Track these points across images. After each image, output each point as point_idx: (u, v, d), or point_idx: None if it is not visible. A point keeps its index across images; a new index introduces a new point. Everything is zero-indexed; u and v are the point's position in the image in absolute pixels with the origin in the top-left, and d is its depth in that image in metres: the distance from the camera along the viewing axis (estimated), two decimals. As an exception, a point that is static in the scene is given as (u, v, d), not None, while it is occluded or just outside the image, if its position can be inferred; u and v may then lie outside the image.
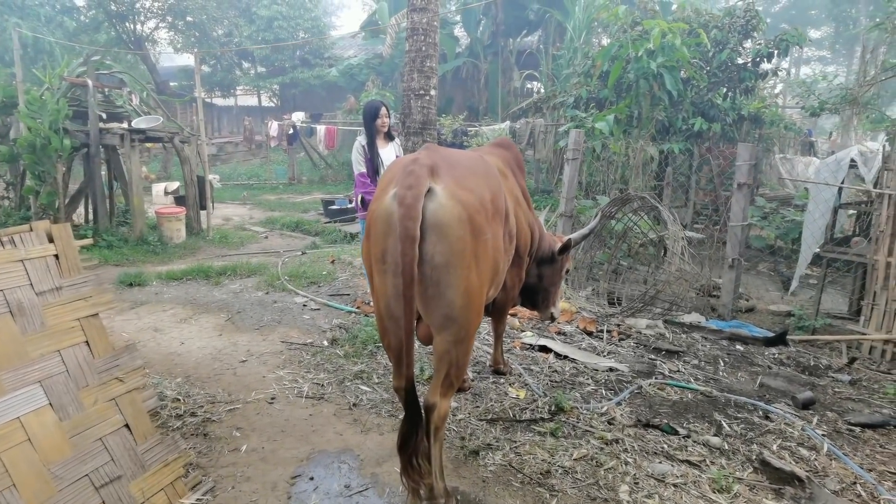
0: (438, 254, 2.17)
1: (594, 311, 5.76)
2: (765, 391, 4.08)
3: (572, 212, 7.06)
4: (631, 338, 5.05)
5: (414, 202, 2.10)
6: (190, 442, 3.16)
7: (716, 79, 9.13)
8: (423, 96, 6.78)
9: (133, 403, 2.69)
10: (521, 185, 3.63)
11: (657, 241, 6.52)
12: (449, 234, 2.17)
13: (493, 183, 2.53)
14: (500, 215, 2.53)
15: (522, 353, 4.53)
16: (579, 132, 6.82)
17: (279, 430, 3.30)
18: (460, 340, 2.34)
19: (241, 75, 25.27)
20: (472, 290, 2.27)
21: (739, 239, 5.64)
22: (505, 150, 3.64)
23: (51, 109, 7.07)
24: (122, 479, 2.51)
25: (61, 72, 8.01)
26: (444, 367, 2.38)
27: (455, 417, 3.42)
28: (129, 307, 5.40)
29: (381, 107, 5.00)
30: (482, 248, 2.29)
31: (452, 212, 2.18)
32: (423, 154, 2.37)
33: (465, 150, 3.56)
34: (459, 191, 2.24)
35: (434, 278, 2.20)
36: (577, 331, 5.14)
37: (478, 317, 2.38)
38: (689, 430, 3.35)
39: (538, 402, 3.65)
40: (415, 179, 2.16)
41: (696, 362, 4.56)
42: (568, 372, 4.20)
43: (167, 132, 8.18)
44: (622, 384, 4.02)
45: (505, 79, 19.77)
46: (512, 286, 3.55)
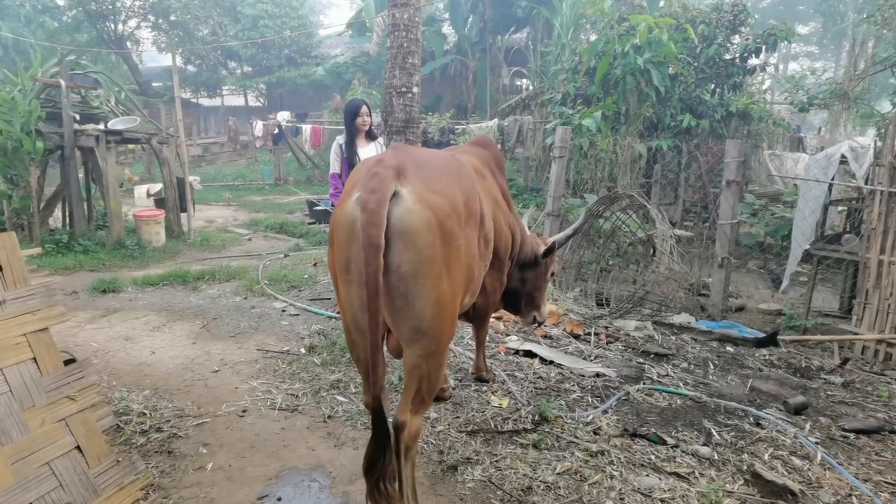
0: (405, 262, 2.02)
1: (582, 312, 5.63)
2: (756, 395, 3.95)
3: (560, 210, 6.93)
4: (619, 340, 4.92)
5: (377, 207, 1.95)
6: (153, 460, 2.99)
7: (703, 75, 9.03)
8: (406, 94, 6.61)
9: (86, 423, 2.52)
10: (500, 186, 3.49)
11: (646, 239, 6.40)
12: (416, 240, 2.01)
13: (467, 184, 2.38)
14: (475, 219, 2.38)
15: (507, 359, 4.38)
16: (566, 129, 6.68)
17: (249, 445, 3.14)
18: (432, 354, 2.19)
19: (227, 75, 25.01)
20: (444, 301, 2.12)
21: (729, 237, 5.52)
22: (483, 148, 3.49)
23: (22, 111, 6.85)
24: (71, 507, 2.35)
25: (34, 72, 7.77)
26: (414, 383, 2.23)
27: (434, 429, 3.27)
28: (102, 315, 5.21)
29: (361, 105, 4.84)
30: (454, 254, 2.14)
31: (420, 217, 2.02)
32: (389, 155, 2.21)
33: (438, 149, 3.40)
34: (428, 194, 2.09)
35: (401, 289, 2.05)
36: (564, 334, 5.01)
37: (451, 328, 2.23)
38: (677, 440, 3.21)
39: (521, 411, 3.51)
40: (378, 182, 2.00)
41: (685, 365, 4.43)
42: (553, 378, 4.06)
43: (145, 133, 7.98)
44: (609, 390, 3.88)
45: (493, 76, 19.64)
46: (492, 291, 3.41)
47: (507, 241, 3.35)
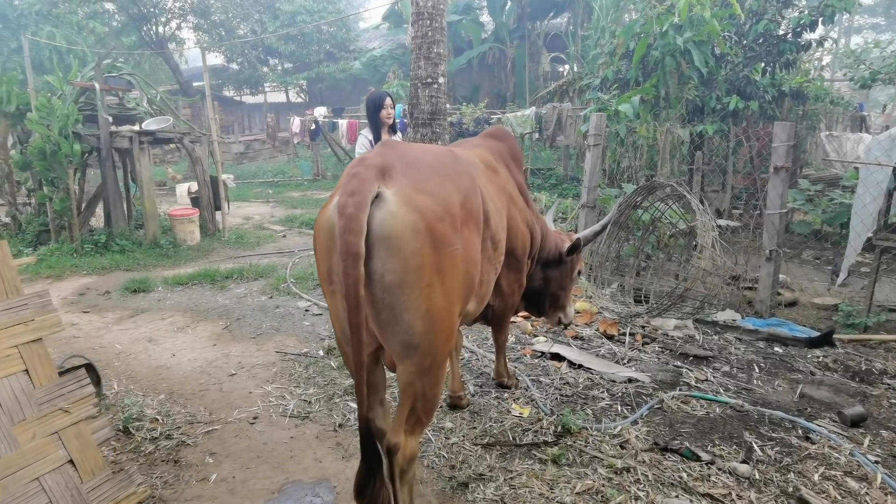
0: (389, 272, 1.82)
1: (618, 311, 5.32)
2: (806, 403, 3.59)
3: (595, 202, 6.60)
4: (656, 341, 4.60)
5: (356, 211, 1.76)
6: (159, 470, 2.92)
7: (752, 53, 8.43)
8: (431, 84, 6.41)
9: (80, 436, 2.45)
10: (516, 181, 3.25)
11: (688, 231, 6.01)
12: (401, 247, 1.82)
13: (465, 182, 2.15)
14: (475, 220, 2.16)
15: (532, 362, 4.15)
16: (600, 116, 6.33)
17: (255, 455, 3.04)
18: (425, 370, 2.00)
19: (268, 72, 25.33)
20: (436, 312, 1.92)
21: (778, 228, 5.08)
22: (497, 140, 3.25)
23: (60, 115, 7.00)
24: (61, 524, 2.28)
25: (73, 77, 7.95)
26: (408, 401, 2.05)
27: (447, 441, 3.09)
28: (129, 315, 5.25)
29: (385, 97, 4.65)
30: (447, 261, 1.93)
31: (405, 221, 1.82)
32: (373, 152, 2.02)
33: (434, 144, 3.18)
34: (416, 195, 1.88)
35: (387, 301, 1.86)
36: (597, 334, 4.72)
37: (447, 342, 2.03)
38: (713, 456, 2.92)
39: (543, 421, 3.27)
40: (358, 184, 1.81)
41: (727, 369, 4.09)
42: (581, 384, 3.80)
43: (177, 132, 8.06)
44: (641, 398, 3.60)
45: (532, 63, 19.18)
46: (510, 293, 3.18)
47: (525, 241, 3.12)
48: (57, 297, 5.84)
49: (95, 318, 5.19)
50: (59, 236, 7.56)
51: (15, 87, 7.76)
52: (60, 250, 7.25)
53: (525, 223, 3.15)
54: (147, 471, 2.91)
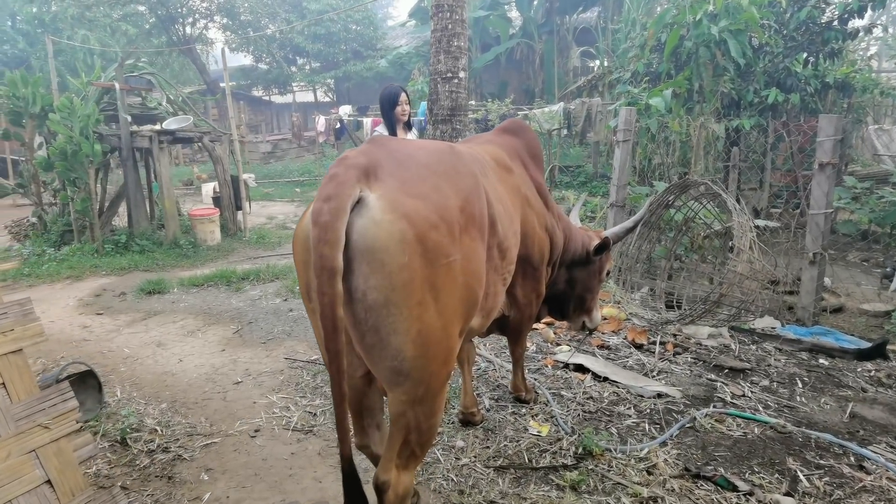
0: (373, 289, 1.59)
1: (648, 317, 5.00)
2: (858, 425, 3.24)
3: (624, 201, 6.28)
4: (688, 351, 4.28)
5: (331, 220, 1.53)
6: (151, 486, 2.76)
7: (794, 42, 7.94)
8: (451, 79, 6.17)
9: (60, 454, 2.29)
10: (534, 180, 2.99)
11: (723, 232, 5.64)
12: (386, 261, 1.58)
13: (466, 184, 1.91)
14: (478, 226, 1.91)
15: (554, 374, 3.88)
16: (630, 110, 6.00)
17: (252, 473, 2.86)
18: (419, 400, 1.77)
19: (296, 72, 25.46)
20: (430, 334, 1.68)
21: (822, 229, 4.69)
22: (512, 136, 2.99)
23: (81, 115, 6.98)
24: (35, 551, 2.13)
25: (95, 77, 7.97)
26: (400, 434, 1.82)
27: (457, 462, 2.85)
28: (142, 318, 5.16)
29: (399, 93, 4.43)
30: (443, 275, 1.69)
31: (391, 230, 1.59)
32: (357, 150, 1.79)
33: (433, 140, 2.93)
34: (405, 199, 1.65)
35: (371, 322, 1.63)
36: (625, 343, 4.43)
37: (444, 366, 1.79)
38: (751, 485, 2.62)
39: (563, 441, 3.01)
40: (335, 187, 1.58)
41: (766, 383, 3.75)
42: (606, 399, 3.52)
43: (197, 132, 8.00)
44: (671, 415, 3.31)
45: (561, 58, 18.76)
46: (527, 303, 2.94)
47: (543, 247, 2.87)
48: (74, 297, 5.81)
49: (108, 320, 5.12)
50: (82, 236, 7.57)
51: (40, 88, 7.79)
52: (82, 250, 7.25)
53: (544, 228, 2.89)
54: (139, 487, 2.76)
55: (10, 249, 7.69)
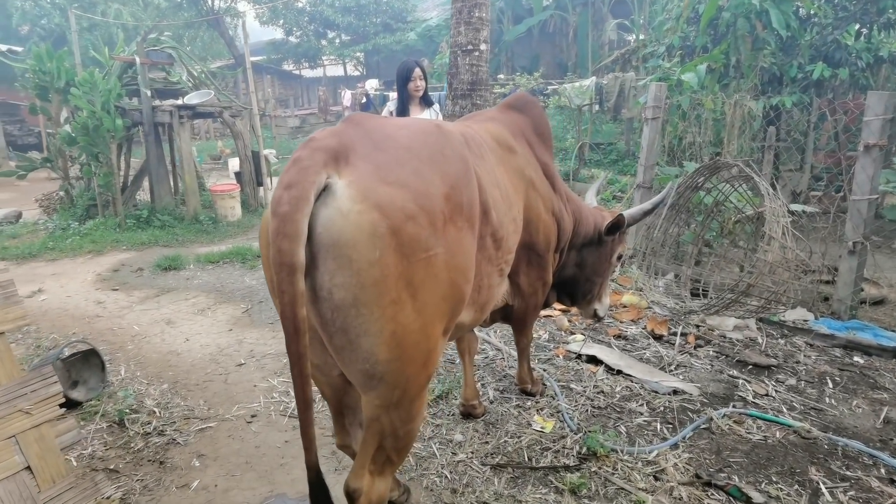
0: (339, 287, 1.44)
1: (670, 306, 4.76)
2: (893, 432, 2.99)
3: (651, 182, 5.97)
4: (711, 344, 4.05)
5: (291, 210, 1.37)
6: (142, 471, 2.72)
7: (845, 13, 7.37)
8: (472, 52, 5.92)
9: (41, 440, 2.25)
10: (541, 161, 2.78)
11: (755, 217, 5.31)
12: (353, 257, 1.42)
13: (453, 168, 1.73)
14: (467, 215, 1.73)
15: (565, 365, 3.71)
16: (660, 86, 5.67)
17: (244, 460, 2.79)
18: (394, 404, 1.63)
19: (326, 45, 25.28)
20: (406, 335, 1.53)
21: (865, 216, 4.35)
22: (517, 112, 2.78)
23: (102, 90, 6.98)
24: (12, 538, 2.09)
25: (118, 51, 7.95)
26: (373, 439, 1.69)
27: (453, 458, 2.73)
28: (155, 295, 5.16)
29: (414, 68, 4.24)
30: (422, 270, 1.52)
31: (359, 222, 1.42)
32: (329, 130, 1.62)
33: (416, 119, 2.73)
34: (378, 186, 1.48)
35: (338, 323, 1.48)
36: (644, 334, 4.21)
37: (423, 369, 1.64)
38: (768, 497, 2.43)
39: (567, 439, 2.86)
40: (298, 173, 1.43)
41: (793, 382, 3.51)
42: (618, 394, 3.34)
43: (218, 106, 7.94)
44: (686, 414, 3.11)
45: (596, 31, 18.12)
46: (532, 293, 2.77)
47: (550, 233, 2.68)
48: (93, 272, 5.86)
49: (122, 296, 5.14)
50: (106, 211, 7.65)
51: (65, 63, 7.82)
52: (105, 225, 7.33)
53: (550, 212, 2.70)
54: (131, 471, 2.73)
55: (37, 223, 7.83)
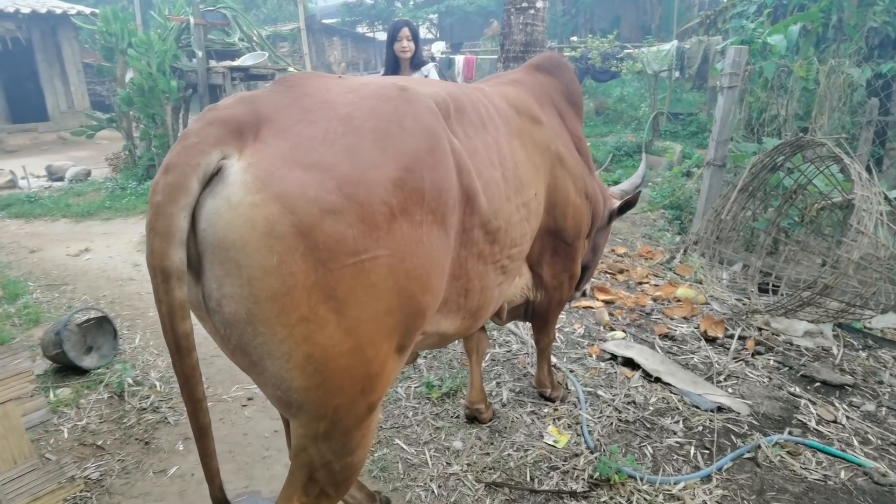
0: (229, 300, 1.13)
1: (731, 303, 4.21)
2: None
3: (724, 159, 5.31)
4: (773, 352, 3.51)
5: (164, 201, 1.09)
6: (126, 450, 2.63)
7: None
8: (527, 10, 5.38)
9: (5, 418, 2.14)
10: (572, 133, 2.39)
11: (844, 205, 4.57)
12: (244, 262, 1.11)
13: (411, 144, 1.34)
14: (430, 206, 1.35)
15: (597, 366, 3.31)
16: (739, 50, 4.94)
17: (228, 449, 2.64)
18: (322, 436, 1.33)
19: (400, 7, 24.81)
20: (328, 359, 1.21)
21: None
22: (545, 74, 2.38)
23: (158, 51, 7.01)
24: (-36, 521, 2.02)
25: (178, 12, 7.96)
26: (301, 471, 1.41)
27: (445, 470, 2.44)
28: (190, 260, 5.14)
29: (402, 27, 3.89)
30: (349, 280, 1.18)
31: (251, 218, 1.10)
32: (241, 96, 1.30)
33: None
34: (285, 171, 1.14)
35: (234, 341, 1.19)
36: (695, 334, 3.72)
37: (360, 396, 1.31)
38: (817, 560, 1.98)
39: (581, 458, 2.50)
40: (179, 153, 1.12)
41: (871, 408, 2.94)
42: (652, 405, 2.92)
43: (271, 69, 7.83)
44: (729, 438, 2.66)
45: (684, -10, 16.64)
46: (556, 286, 2.42)
47: (581, 216, 2.33)
48: (139, 233, 5.93)
49: (159, 259, 5.15)
50: (161, 172, 7.78)
51: (130, 24, 7.92)
52: (161, 185, 7.45)
53: (582, 193, 2.33)
54: (116, 449, 2.64)
55: (103, 181, 8.09)
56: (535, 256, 2.28)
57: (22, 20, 12.00)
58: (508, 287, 2.09)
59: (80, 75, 13.10)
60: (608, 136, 11.64)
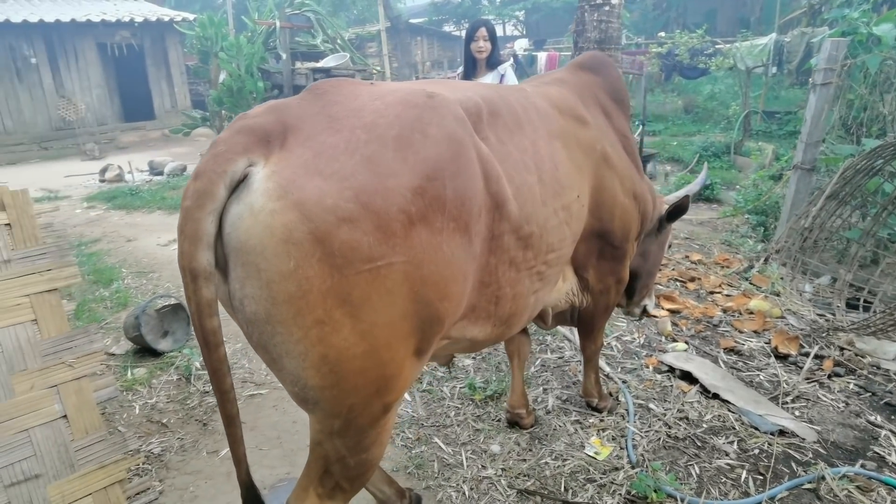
0: (250, 300, 1.20)
1: (812, 318, 3.89)
2: None
3: (813, 162, 4.91)
4: (854, 375, 3.20)
5: (192, 206, 1.16)
6: (185, 430, 2.83)
7: None
8: (602, 6, 5.22)
9: (80, 392, 2.37)
10: (619, 132, 2.32)
11: (955, 215, 4.09)
12: (262, 266, 1.17)
13: (433, 152, 1.33)
14: (452, 213, 1.33)
15: (653, 378, 3.17)
16: (837, 43, 4.54)
17: (276, 435, 2.77)
18: (337, 433, 1.38)
19: (487, 4, 24.82)
20: (343, 361, 1.25)
21: None
22: (590, 73, 2.32)
23: (246, 53, 7.43)
24: (40, 479, 2.24)
25: (266, 15, 8.40)
26: (318, 464, 1.46)
27: (479, 473, 2.43)
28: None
29: (479, 27, 3.88)
30: (364, 285, 1.21)
31: (270, 224, 1.15)
32: (271, 105, 1.35)
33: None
34: (307, 179, 1.18)
35: (255, 338, 1.25)
36: (765, 350, 3.47)
37: (375, 397, 1.35)
38: None
39: (620, 473, 2.41)
40: (209, 161, 1.19)
41: (965, 445, 2.63)
42: (706, 423, 2.76)
43: (352, 69, 8.09)
44: (788, 465, 2.47)
45: (788, -22, 15.46)
46: (603, 290, 2.37)
47: (629, 217, 2.27)
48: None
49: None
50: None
51: (223, 28, 8.46)
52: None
53: (630, 194, 2.26)
54: (178, 428, 2.85)
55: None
56: (580, 260, 2.22)
57: (137, 28, 13.12)
58: (549, 293, 2.04)
59: (182, 77, 14.13)
60: (695, 136, 11.08)
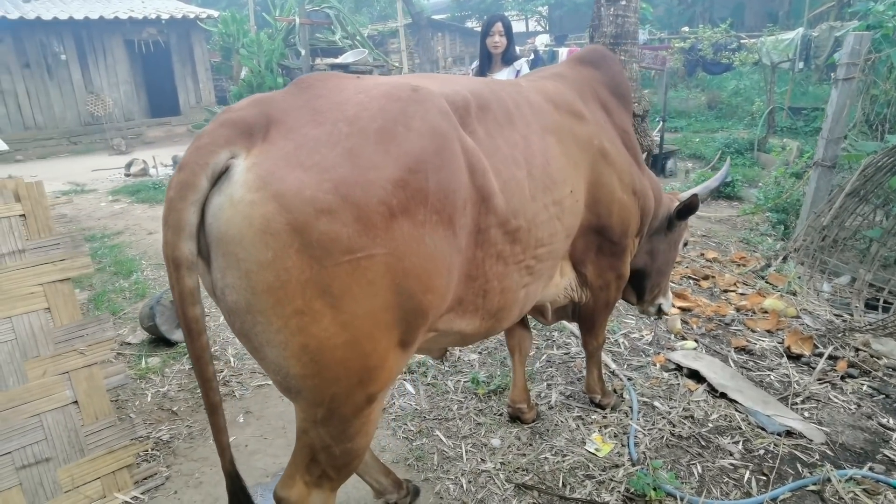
0: (230, 289, 1.23)
1: (827, 318, 3.81)
2: None
3: (834, 160, 4.80)
4: (869, 376, 3.13)
5: (175, 197, 1.20)
6: (194, 417, 2.90)
7: None
8: (618, 1, 5.17)
9: (90, 379, 2.45)
10: (618, 128, 2.30)
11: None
12: (241, 256, 1.20)
13: (416, 145, 1.35)
14: (435, 205, 1.35)
15: (659, 376, 3.14)
16: (860, 37, 4.42)
17: (282, 425, 2.82)
18: (321, 422, 1.41)
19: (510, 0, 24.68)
20: (324, 351, 1.27)
21: None
22: (590, 68, 2.30)
23: (266, 49, 7.52)
24: (50, 462, 2.32)
25: (287, 12, 8.49)
26: (304, 451, 1.49)
27: (478, 466, 2.44)
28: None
29: (494, 22, 3.87)
30: (344, 276, 1.23)
31: (249, 215, 1.18)
32: (254, 98, 1.38)
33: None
34: (287, 171, 1.20)
35: (237, 327, 1.29)
36: (778, 349, 3.42)
37: (358, 387, 1.37)
38: None
39: (620, 470, 2.40)
40: (192, 153, 1.23)
41: (981, 450, 2.55)
42: (711, 422, 2.73)
43: (370, 65, 8.13)
44: (793, 467, 2.43)
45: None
46: (603, 286, 2.37)
47: (628, 213, 2.26)
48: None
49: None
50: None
51: (245, 25, 8.57)
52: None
53: (630, 190, 2.24)
54: (186, 416, 2.91)
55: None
56: (578, 255, 2.22)
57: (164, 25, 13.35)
58: (541, 288, 2.04)
59: (207, 73, 14.34)
60: (718, 132, 10.89)
